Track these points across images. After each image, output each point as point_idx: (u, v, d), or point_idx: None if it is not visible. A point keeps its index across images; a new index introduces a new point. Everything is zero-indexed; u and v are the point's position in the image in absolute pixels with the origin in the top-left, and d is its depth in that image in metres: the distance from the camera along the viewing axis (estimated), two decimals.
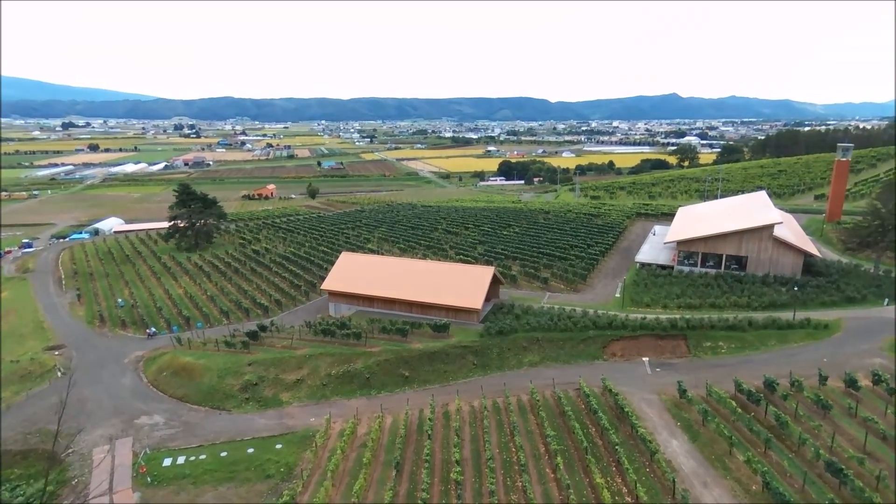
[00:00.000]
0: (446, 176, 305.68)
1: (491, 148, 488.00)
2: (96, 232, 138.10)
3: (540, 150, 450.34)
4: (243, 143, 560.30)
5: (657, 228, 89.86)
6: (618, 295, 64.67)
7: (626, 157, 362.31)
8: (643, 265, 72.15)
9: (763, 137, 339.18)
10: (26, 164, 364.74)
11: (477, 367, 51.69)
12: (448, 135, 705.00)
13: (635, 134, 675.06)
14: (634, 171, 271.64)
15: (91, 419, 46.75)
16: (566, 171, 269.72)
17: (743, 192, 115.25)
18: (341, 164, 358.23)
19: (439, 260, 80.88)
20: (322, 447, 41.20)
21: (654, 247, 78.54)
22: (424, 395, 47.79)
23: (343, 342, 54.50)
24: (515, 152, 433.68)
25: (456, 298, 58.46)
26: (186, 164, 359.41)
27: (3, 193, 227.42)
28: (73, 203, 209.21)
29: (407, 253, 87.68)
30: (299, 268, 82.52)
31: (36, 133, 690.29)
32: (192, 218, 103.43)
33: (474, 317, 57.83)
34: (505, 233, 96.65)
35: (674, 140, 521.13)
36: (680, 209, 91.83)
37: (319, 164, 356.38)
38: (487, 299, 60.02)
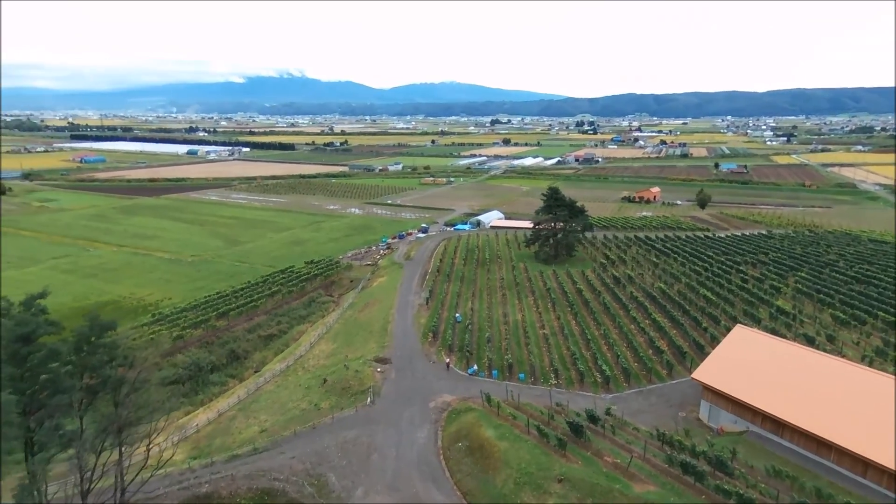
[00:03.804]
0: None
1: None
2: (478, 224, 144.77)
3: None
4: (636, 140, 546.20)
5: None
6: None
7: None
8: None
9: None
10: (455, 154, 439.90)
11: None
12: None
13: None
14: None
15: (367, 482, 38.28)
16: None
17: None
18: (745, 167, 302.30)
19: None
20: None
21: None
22: None
23: (715, 499, 31.47)
24: None
25: None
26: (577, 160, 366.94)
27: (429, 178, 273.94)
28: (473, 191, 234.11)
29: (848, 329, 54.57)
30: (666, 317, 60.49)
31: (471, 128, 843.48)
32: (556, 226, 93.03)
33: None
34: None
35: None
36: None
37: (717, 165, 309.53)
38: None
